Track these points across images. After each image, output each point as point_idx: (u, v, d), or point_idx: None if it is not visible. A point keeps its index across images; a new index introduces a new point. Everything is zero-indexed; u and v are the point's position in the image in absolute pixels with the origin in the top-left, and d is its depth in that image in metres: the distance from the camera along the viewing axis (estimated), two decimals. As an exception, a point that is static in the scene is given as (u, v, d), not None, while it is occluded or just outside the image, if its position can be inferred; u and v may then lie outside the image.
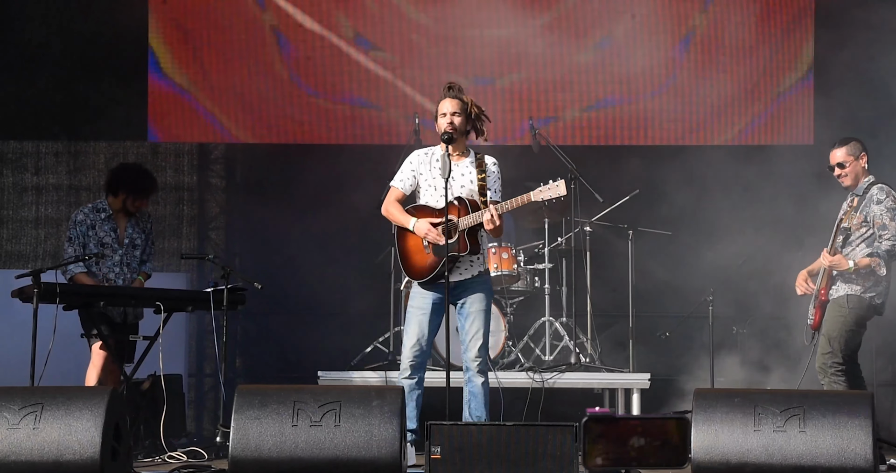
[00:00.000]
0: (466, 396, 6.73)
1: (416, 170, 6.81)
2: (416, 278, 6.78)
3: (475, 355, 6.69)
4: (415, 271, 6.78)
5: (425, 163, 6.81)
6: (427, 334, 6.73)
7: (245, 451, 5.51)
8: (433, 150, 6.87)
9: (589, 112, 9.72)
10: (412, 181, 6.82)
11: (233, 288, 7.66)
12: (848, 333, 7.16)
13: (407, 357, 6.70)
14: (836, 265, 7.11)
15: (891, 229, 7.11)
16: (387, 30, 9.74)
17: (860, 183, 7.27)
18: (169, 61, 9.76)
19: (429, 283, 6.73)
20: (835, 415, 5.45)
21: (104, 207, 7.76)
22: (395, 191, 6.85)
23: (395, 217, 6.83)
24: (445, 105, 6.76)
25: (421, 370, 6.73)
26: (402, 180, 6.84)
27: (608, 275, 9.20)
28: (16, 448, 5.52)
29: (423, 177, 6.80)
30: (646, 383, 8.34)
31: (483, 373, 6.71)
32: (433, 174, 6.76)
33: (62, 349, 7.20)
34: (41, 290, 7.07)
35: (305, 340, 9.65)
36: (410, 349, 6.70)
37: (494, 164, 6.84)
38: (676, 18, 9.69)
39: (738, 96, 9.68)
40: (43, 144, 10.18)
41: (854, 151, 7.29)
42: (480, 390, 6.68)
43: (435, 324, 6.76)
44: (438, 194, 6.69)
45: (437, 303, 6.72)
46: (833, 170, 7.34)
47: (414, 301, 6.81)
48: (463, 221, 6.62)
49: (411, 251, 6.79)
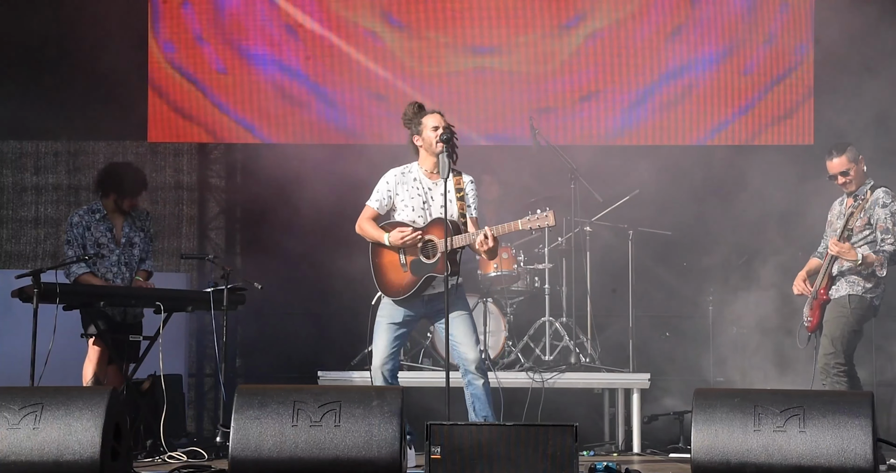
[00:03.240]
0: (469, 399, 6.72)
1: (393, 190, 6.83)
2: (390, 295, 6.78)
3: (471, 358, 6.68)
4: (389, 288, 6.79)
5: (402, 183, 6.83)
6: (396, 344, 6.76)
7: (245, 451, 5.50)
8: (410, 167, 6.88)
9: (588, 112, 9.72)
10: (388, 202, 6.85)
11: (233, 288, 7.66)
12: (850, 333, 7.17)
13: (377, 366, 6.72)
14: (843, 253, 7.09)
15: (894, 233, 7.13)
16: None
17: (861, 186, 7.29)
18: (169, 61, 9.76)
19: (404, 301, 6.74)
20: (835, 415, 5.45)
21: (98, 208, 7.78)
22: (369, 210, 6.88)
23: (368, 233, 6.86)
24: (434, 119, 6.80)
25: (394, 378, 6.77)
26: (378, 200, 6.86)
27: (608, 275, 9.20)
28: (16, 448, 5.52)
29: (400, 197, 6.82)
30: (646, 383, 8.34)
31: (482, 374, 6.71)
32: (410, 194, 6.79)
33: (62, 349, 7.21)
34: (41, 290, 7.08)
35: (305, 340, 9.66)
36: (381, 358, 6.71)
37: (472, 182, 6.86)
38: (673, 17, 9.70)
39: (738, 96, 9.67)
40: (42, 144, 10.18)
41: (853, 156, 7.30)
42: (482, 391, 6.69)
43: (404, 336, 6.82)
44: (416, 215, 6.76)
45: (409, 317, 6.77)
46: (835, 178, 7.34)
47: (384, 311, 6.82)
48: (445, 242, 6.59)
49: (386, 268, 6.81)
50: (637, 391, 8.32)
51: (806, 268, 7.48)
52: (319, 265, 9.57)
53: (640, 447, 8.28)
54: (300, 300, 9.81)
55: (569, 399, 8.69)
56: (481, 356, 6.76)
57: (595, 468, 6.16)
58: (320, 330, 9.58)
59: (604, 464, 6.18)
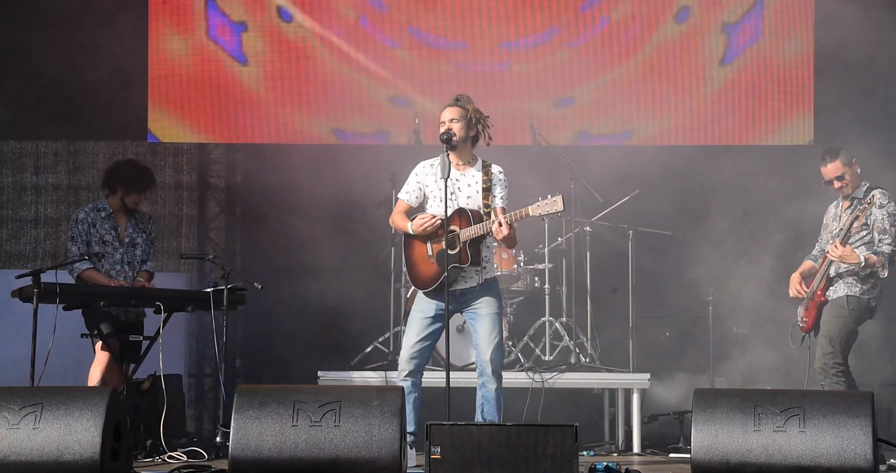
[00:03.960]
0: (479, 400, 6.74)
1: (422, 182, 6.85)
2: (420, 287, 6.80)
3: (489, 358, 6.67)
4: (419, 280, 6.81)
5: (430, 174, 6.84)
6: (427, 338, 6.74)
7: (245, 451, 5.50)
8: (438, 160, 6.89)
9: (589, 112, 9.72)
10: (418, 193, 6.86)
11: (233, 288, 7.66)
12: (848, 334, 7.19)
13: (405, 359, 6.72)
14: (845, 257, 7.10)
15: (891, 234, 7.14)
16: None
17: (857, 188, 7.31)
18: (169, 60, 9.76)
19: (433, 292, 6.75)
20: (835, 415, 5.45)
21: (104, 206, 7.79)
22: (402, 203, 6.90)
23: (398, 225, 6.91)
24: (445, 113, 6.83)
25: (419, 373, 6.74)
26: (408, 193, 6.89)
27: (608, 275, 9.20)
28: (16, 448, 5.52)
29: (430, 188, 6.84)
30: (646, 383, 8.34)
31: (497, 378, 6.69)
32: (438, 185, 6.78)
33: (62, 349, 7.21)
34: (41, 290, 7.08)
35: (305, 340, 9.66)
36: (409, 351, 6.71)
37: (501, 172, 6.86)
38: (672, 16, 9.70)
39: (738, 96, 9.67)
40: (42, 144, 10.18)
41: (847, 159, 7.31)
42: (493, 395, 6.69)
43: (437, 331, 6.77)
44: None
45: (442, 311, 6.74)
46: (831, 184, 7.36)
47: (418, 305, 6.83)
48: (465, 232, 6.64)
49: (416, 261, 6.82)
50: (637, 391, 8.32)
51: (800, 270, 7.50)
52: (319, 265, 9.58)
53: (640, 447, 8.28)
54: (300, 300, 9.81)
55: (569, 399, 8.69)
56: (500, 359, 6.74)
57: (595, 468, 6.16)
58: (320, 330, 9.58)
59: (604, 464, 6.18)
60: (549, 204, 6.60)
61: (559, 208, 6.58)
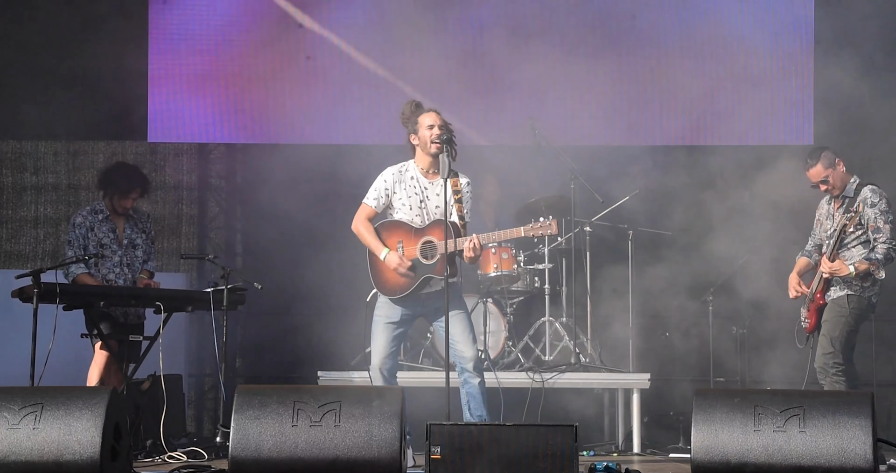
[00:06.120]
0: (464, 397, 6.74)
1: (391, 188, 6.84)
2: (388, 294, 6.81)
3: (468, 356, 6.70)
4: (387, 286, 6.82)
5: (399, 181, 6.83)
6: (395, 343, 6.80)
7: (245, 451, 5.50)
8: (406, 165, 6.89)
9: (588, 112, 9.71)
10: (385, 200, 6.86)
11: (233, 288, 7.66)
12: (849, 333, 7.18)
13: (377, 367, 6.75)
14: (836, 272, 7.11)
15: (885, 233, 7.13)
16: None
17: (847, 186, 7.30)
18: (169, 60, 9.76)
19: (401, 300, 6.76)
20: (835, 415, 5.45)
21: (101, 208, 7.79)
22: (367, 209, 6.88)
23: (366, 240, 6.87)
24: (429, 118, 6.80)
25: (393, 378, 6.80)
26: (375, 199, 6.87)
27: (608, 275, 9.20)
28: (16, 448, 5.52)
29: (397, 195, 6.83)
30: (646, 383, 8.34)
31: (479, 373, 6.73)
32: (407, 193, 6.78)
33: (62, 349, 7.21)
34: (41, 290, 7.08)
35: (305, 340, 9.66)
36: (380, 359, 6.75)
37: (468, 184, 6.86)
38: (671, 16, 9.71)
39: (737, 96, 9.66)
40: (42, 144, 10.18)
41: (828, 162, 7.30)
42: (478, 390, 6.71)
43: (402, 334, 6.86)
44: (413, 214, 6.78)
45: (407, 316, 6.79)
46: (818, 186, 7.37)
47: (381, 311, 6.85)
48: (443, 246, 6.59)
49: (383, 268, 6.82)
50: (637, 391, 8.32)
51: (796, 270, 7.49)
52: (319, 265, 9.58)
53: (640, 447, 8.28)
54: (300, 300, 9.81)
55: (569, 399, 8.69)
56: (479, 354, 6.77)
57: (595, 468, 6.15)
58: (320, 330, 9.57)
59: (604, 464, 6.18)
60: (542, 227, 6.62)
61: (552, 232, 6.62)
